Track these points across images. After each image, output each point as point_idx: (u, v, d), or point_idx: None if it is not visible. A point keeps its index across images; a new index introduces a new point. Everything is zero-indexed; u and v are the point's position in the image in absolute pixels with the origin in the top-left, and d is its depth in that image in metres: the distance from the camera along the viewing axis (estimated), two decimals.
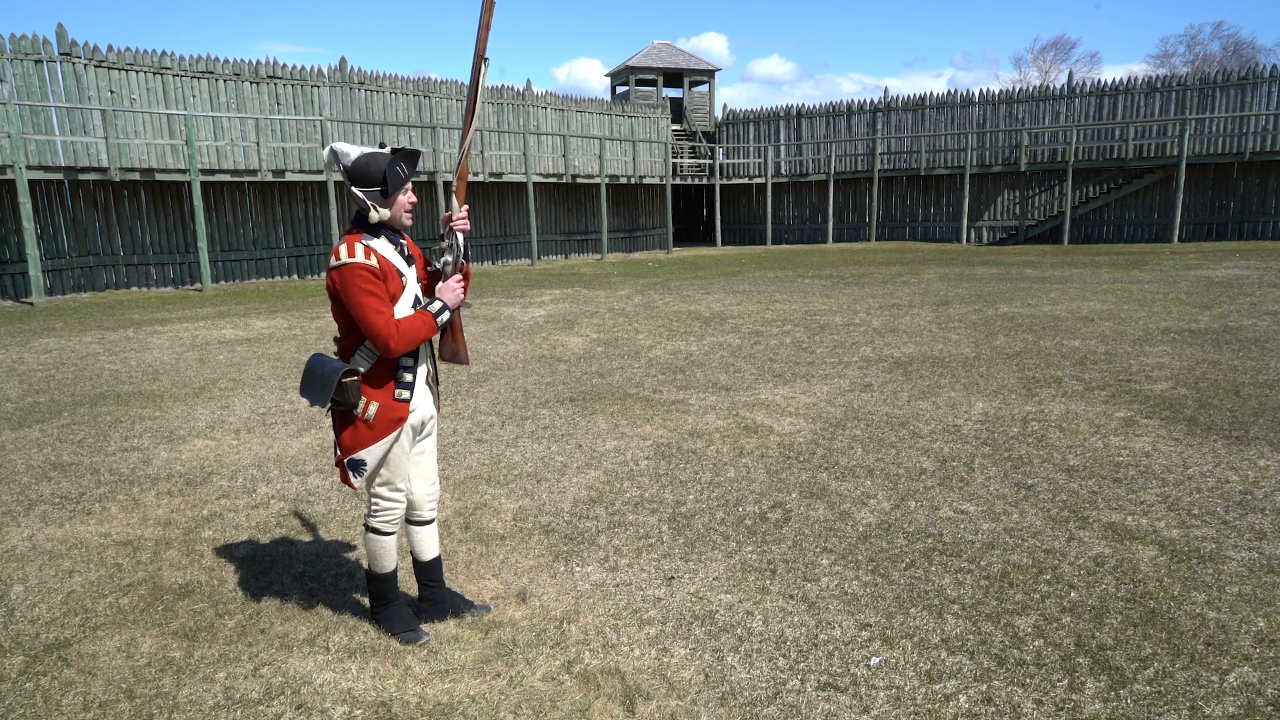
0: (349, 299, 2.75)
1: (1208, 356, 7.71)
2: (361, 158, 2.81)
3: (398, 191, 2.85)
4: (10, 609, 3.43)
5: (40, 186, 15.21)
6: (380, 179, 2.80)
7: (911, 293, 13.20)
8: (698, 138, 31.18)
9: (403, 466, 3.02)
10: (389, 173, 2.80)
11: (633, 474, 4.96)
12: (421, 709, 2.66)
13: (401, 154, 2.85)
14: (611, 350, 9.02)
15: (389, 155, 2.83)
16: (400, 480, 3.03)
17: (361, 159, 2.80)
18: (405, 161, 2.86)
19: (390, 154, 2.84)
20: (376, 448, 2.90)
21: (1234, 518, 4.06)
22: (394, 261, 2.86)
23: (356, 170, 2.80)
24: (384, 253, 2.83)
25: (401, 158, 2.84)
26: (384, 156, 2.82)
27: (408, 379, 2.93)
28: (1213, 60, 46.09)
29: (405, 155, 2.86)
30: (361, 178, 2.80)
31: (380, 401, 2.88)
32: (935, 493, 4.52)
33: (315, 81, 19.36)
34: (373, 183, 2.80)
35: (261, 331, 10.70)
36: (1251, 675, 2.75)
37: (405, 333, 2.80)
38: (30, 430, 6.22)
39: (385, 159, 2.81)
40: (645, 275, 18.16)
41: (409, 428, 2.99)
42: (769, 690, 2.74)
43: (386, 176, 2.79)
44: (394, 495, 3.04)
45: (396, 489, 3.04)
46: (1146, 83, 24.11)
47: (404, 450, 3.01)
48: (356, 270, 2.75)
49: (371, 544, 3.08)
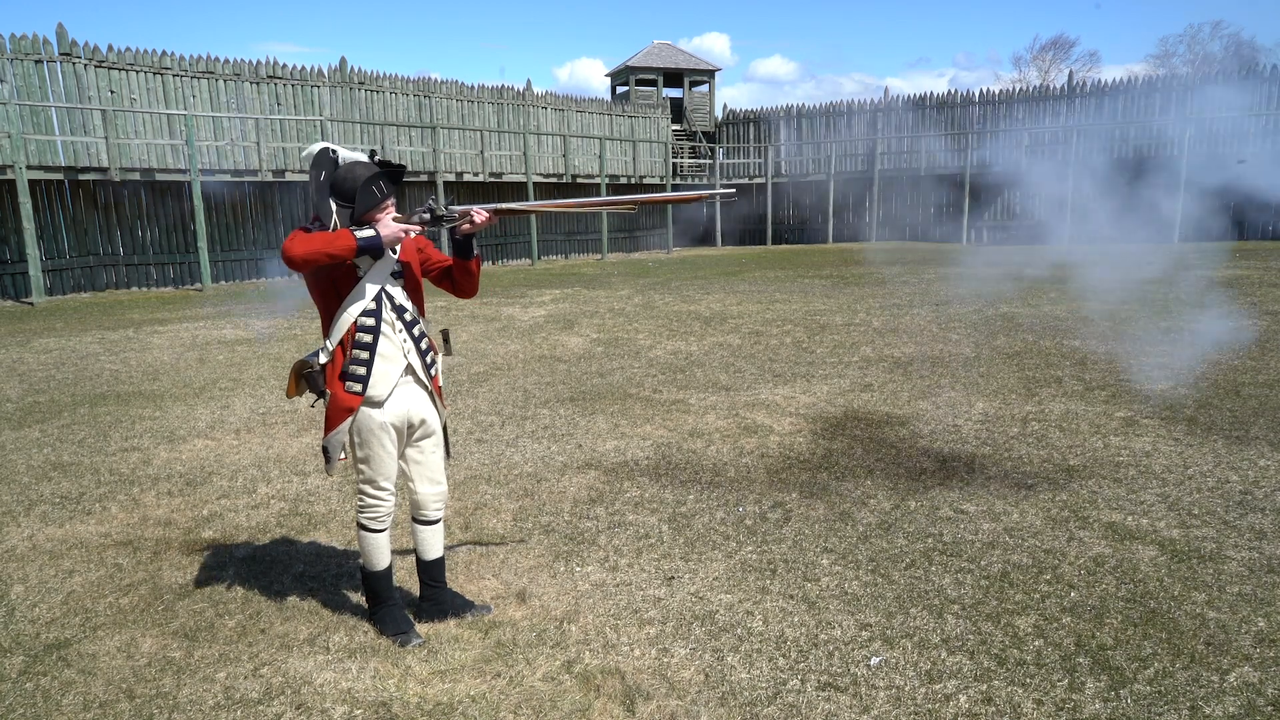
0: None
1: (1208, 356, 7.71)
2: (344, 168, 2.80)
3: (371, 210, 2.83)
4: (10, 609, 3.43)
5: (40, 186, 15.20)
6: (351, 196, 2.78)
7: (911, 293, 13.21)
8: (698, 138, 31.18)
9: (385, 466, 3.00)
10: (361, 191, 2.78)
11: (633, 474, 4.96)
12: (421, 709, 2.66)
13: (384, 171, 2.84)
14: (612, 350, 9.02)
15: (370, 171, 2.80)
16: (383, 479, 3.02)
17: (342, 170, 2.80)
18: (385, 180, 2.84)
19: (374, 169, 2.82)
20: (334, 436, 2.95)
21: (1234, 518, 4.06)
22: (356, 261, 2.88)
23: (336, 179, 2.80)
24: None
25: (383, 175, 2.83)
26: (363, 171, 2.80)
27: (359, 372, 2.91)
28: (1212, 60, 46.08)
29: (386, 174, 2.85)
30: (337, 189, 2.79)
31: (334, 391, 2.93)
32: (935, 493, 4.52)
33: (315, 81, 19.36)
34: (344, 198, 2.79)
35: (262, 332, 10.70)
36: (1252, 675, 2.75)
37: (301, 239, 2.68)
38: (30, 430, 6.22)
39: (363, 175, 2.79)
40: (645, 275, 18.16)
41: (389, 427, 2.96)
42: (769, 690, 2.74)
43: (358, 194, 2.78)
44: (377, 493, 3.03)
45: (380, 487, 3.02)
46: (1146, 83, 24.11)
47: (386, 450, 2.98)
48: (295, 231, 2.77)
49: (361, 540, 3.09)
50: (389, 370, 2.94)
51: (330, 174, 2.81)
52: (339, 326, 2.90)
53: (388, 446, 2.99)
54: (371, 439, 2.96)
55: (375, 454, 2.98)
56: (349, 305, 2.89)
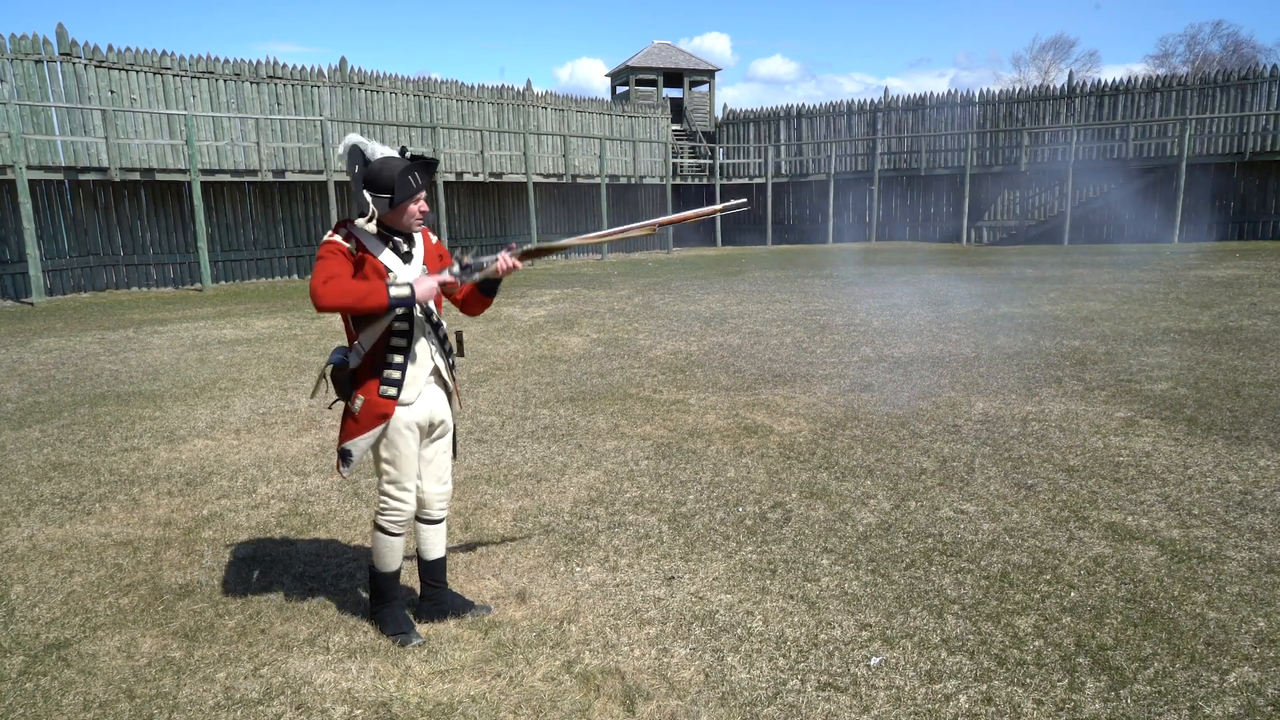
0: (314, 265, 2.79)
1: (1208, 356, 7.71)
2: (377, 162, 2.84)
3: (406, 201, 2.87)
4: (10, 609, 3.43)
5: (40, 186, 15.20)
6: (390, 187, 2.81)
7: (911, 293, 13.20)
8: (698, 138, 31.18)
9: (411, 466, 3.03)
10: (399, 182, 2.81)
11: (633, 474, 4.96)
12: (421, 709, 2.66)
13: (418, 163, 2.87)
14: (612, 350, 9.02)
15: (404, 163, 2.84)
16: (408, 480, 3.04)
17: (376, 164, 2.83)
18: (420, 171, 2.88)
19: (407, 162, 2.85)
20: (361, 440, 2.94)
21: (1234, 518, 4.06)
22: (383, 260, 2.88)
23: (370, 173, 2.82)
24: (371, 248, 2.87)
25: (416, 167, 2.86)
26: (397, 164, 2.84)
27: (394, 376, 2.93)
28: (1212, 60, 46.08)
29: (421, 165, 2.88)
30: (373, 181, 2.82)
31: (366, 396, 2.92)
32: (935, 493, 4.52)
33: (315, 81, 19.36)
34: (382, 189, 2.82)
35: (262, 332, 10.70)
36: (1252, 675, 2.75)
37: (335, 289, 2.70)
38: (30, 430, 6.22)
39: (398, 167, 2.82)
40: (645, 275, 18.15)
41: (415, 426, 3.00)
42: (769, 690, 2.74)
43: (395, 185, 2.81)
44: (402, 495, 3.04)
45: (405, 489, 3.04)
46: (1146, 82, 24.11)
47: (411, 449, 3.01)
48: (329, 244, 2.81)
49: (378, 542, 3.08)
50: (419, 373, 2.99)
51: (363, 168, 2.84)
52: (373, 330, 2.90)
53: (413, 446, 3.02)
54: (399, 439, 2.98)
55: (402, 454, 3.00)
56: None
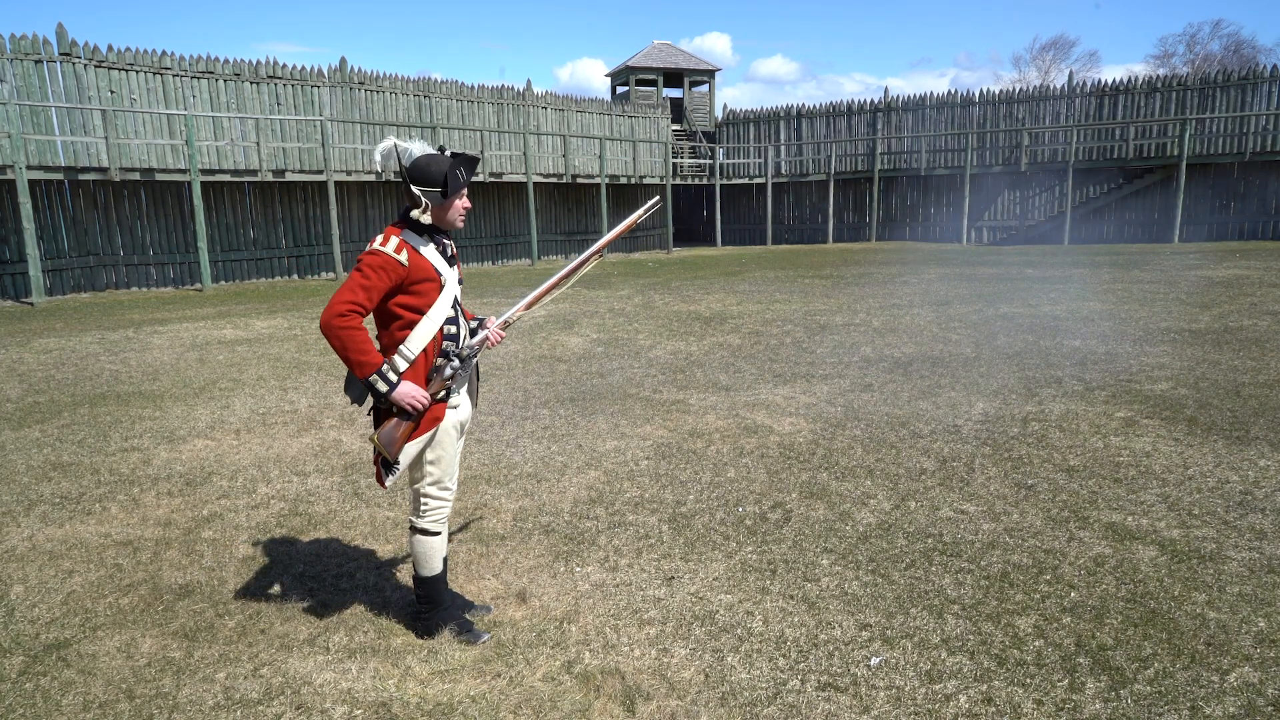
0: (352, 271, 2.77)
1: (1208, 356, 7.71)
2: (423, 158, 2.84)
3: (455, 195, 2.87)
4: (10, 609, 3.43)
5: (40, 186, 15.20)
6: (441, 180, 2.82)
7: (911, 293, 13.20)
8: (698, 138, 31.18)
9: (454, 466, 3.05)
10: (450, 175, 2.82)
11: (633, 474, 4.96)
12: (421, 709, 2.66)
13: (461, 159, 2.88)
14: (611, 350, 9.02)
15: (449, 158, 2.85)
16: (450, 480, 3.05)
17: (423, 159, 2.84)
18: (465, 166, 2.88)
19: (450, 157, 2.86)
20: (412, 446, 2.90)
21: (1234, 518, 4.06)
22: (433, 262, 2.87)
23: (417, 169, 2.83)
24: (425, 254, 2.85)
25: (461, 162, 2.87)
26: (444, 159, 2.85)
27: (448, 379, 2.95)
28: (1212, 60, 46.07)
29: (465, 160, 2.89)
30: (422, 177, 2.82)
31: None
32: (935, 493, 4.52)
33: (315, 81, 19.36)
34: (433, 183, 2.83)
35: (262, 332, 10.70)
36: (1252, 675, 2.75)
37: (346, 331, 2.70)
38: (30, 430, 6.22)
39: (446, 161, 2.84)
40: (645, 275, 18.15)
41: (460, 426, 3.01)
42: (769, 690, 2.74)
43: (447, 179, 2.82)
44: (443, 494, 3.05)
45: (446, 488, 3.05)
46: (1146, 83, 24.11)
47: (455, 450, 3.03)
48: (379, 257, 2.76)
49: (420, 546, 3.05)
50: (465, 375, 3.00)
51: (406, 167, 2.84)
52: (421, 334, 2.87)
53: (458, 447, 3.04)
54: (447, 441, 2.99)
55: (448, 454, 3.00)
56: (434, 314, 2.88)
